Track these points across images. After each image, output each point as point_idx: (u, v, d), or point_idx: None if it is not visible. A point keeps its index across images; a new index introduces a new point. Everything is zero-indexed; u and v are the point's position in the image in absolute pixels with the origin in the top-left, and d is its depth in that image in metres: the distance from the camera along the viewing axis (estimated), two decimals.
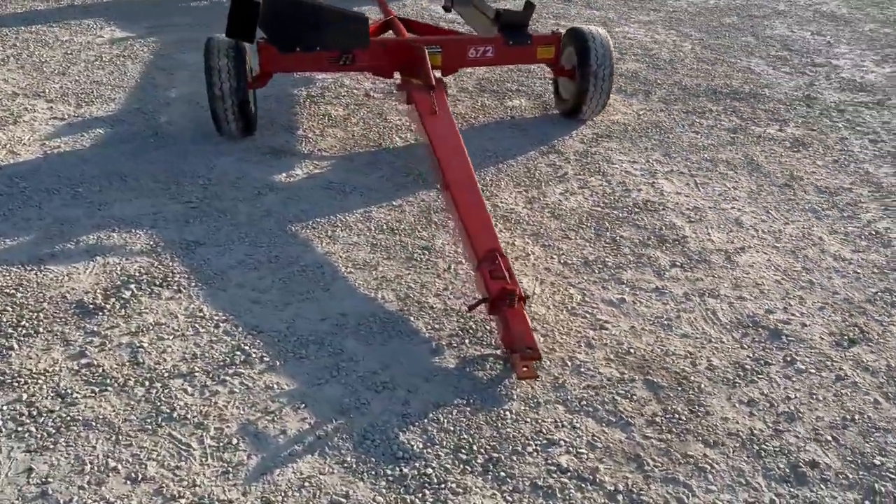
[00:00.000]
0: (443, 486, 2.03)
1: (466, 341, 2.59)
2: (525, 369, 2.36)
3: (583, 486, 2.06)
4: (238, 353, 2.48)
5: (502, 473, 2.08)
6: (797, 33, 6.51)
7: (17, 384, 2.30)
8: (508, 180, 3.74)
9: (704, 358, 2.56)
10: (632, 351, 2.58)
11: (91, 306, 2.67)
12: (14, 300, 2.69)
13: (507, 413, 2.28)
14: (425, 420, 2.24)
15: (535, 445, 2.17)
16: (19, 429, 2.14)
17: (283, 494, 1.98)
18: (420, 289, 2.87)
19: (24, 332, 2.53)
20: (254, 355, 2.48)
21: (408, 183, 3.67)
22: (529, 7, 4.27)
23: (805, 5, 7.51)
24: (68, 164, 3.71)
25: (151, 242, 3.08)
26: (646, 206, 3.54)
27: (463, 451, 2.14)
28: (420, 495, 2.00)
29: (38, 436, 2.12)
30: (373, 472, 2.06)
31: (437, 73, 3.88)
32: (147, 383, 2.34)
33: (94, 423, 2.17)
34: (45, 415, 2.19)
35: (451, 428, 2.22)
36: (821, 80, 5.36)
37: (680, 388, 2.42)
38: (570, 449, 2.17)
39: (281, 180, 3.65)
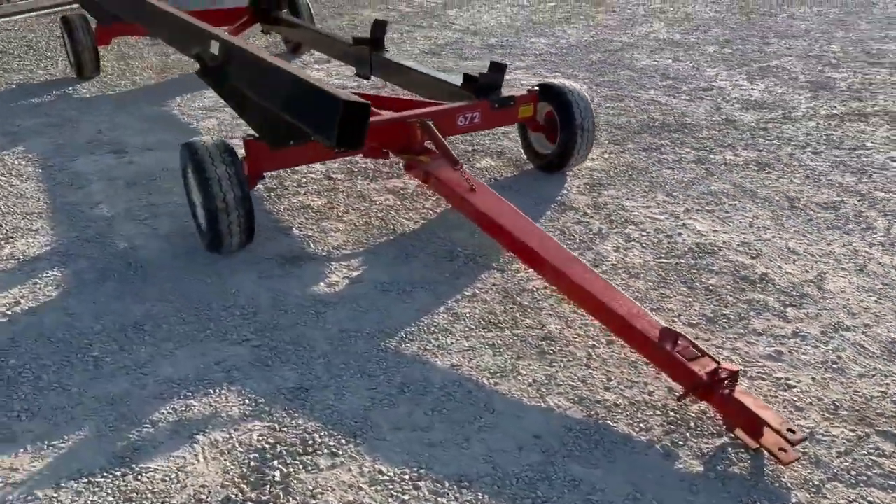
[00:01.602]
0: None
1: (688, 435, 2.35)
2: (785, 453, 2.19)
3: None
4: None
5: None
6: (661, 62, 6.96)
7: None
8: None
9: None
10: (837, 404, 2.50)
11: (249, 503, 2.08)
12: None
13: None
14: None
15: None
16: None
17: None
18: (585, 386, 2.58)
19: None
20: None
21: (461, 268, 3.33)
22: (501, 68, 4.13)
23: (643, 34, 8.07)
24: (50, 323, 2.93)
25: (247, 401, 2.49)
26: (701, 249, 3.51)
27: None
28: None
29: None
30: None
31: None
32: None
33: None
34: None
35: None
36: (722, 104, 5.74)
37: None
38: None
39: (325, 292, 3.15)
